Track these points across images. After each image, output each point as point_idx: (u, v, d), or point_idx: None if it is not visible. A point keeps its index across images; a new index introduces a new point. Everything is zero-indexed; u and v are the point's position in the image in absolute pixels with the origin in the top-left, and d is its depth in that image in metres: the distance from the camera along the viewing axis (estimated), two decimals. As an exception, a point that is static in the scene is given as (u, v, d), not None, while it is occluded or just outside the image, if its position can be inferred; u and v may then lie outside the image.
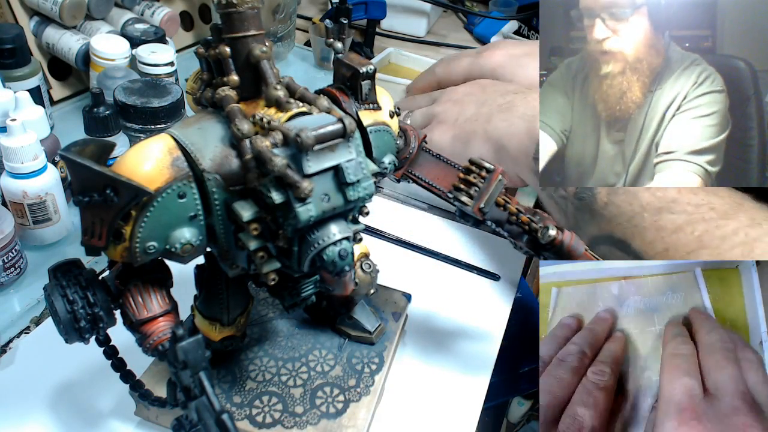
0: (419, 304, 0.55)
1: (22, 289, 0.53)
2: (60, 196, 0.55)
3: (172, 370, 0.27)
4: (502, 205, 0.40)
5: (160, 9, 0.84)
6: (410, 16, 1.13)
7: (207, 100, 0.34)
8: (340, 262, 0.31)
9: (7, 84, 0.64)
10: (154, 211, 0.30)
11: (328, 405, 0.43)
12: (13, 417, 0.43)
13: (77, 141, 0.30)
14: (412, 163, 0.44)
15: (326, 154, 0.30)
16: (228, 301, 0.40)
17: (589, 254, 0.39)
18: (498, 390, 0.80)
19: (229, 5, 0.31)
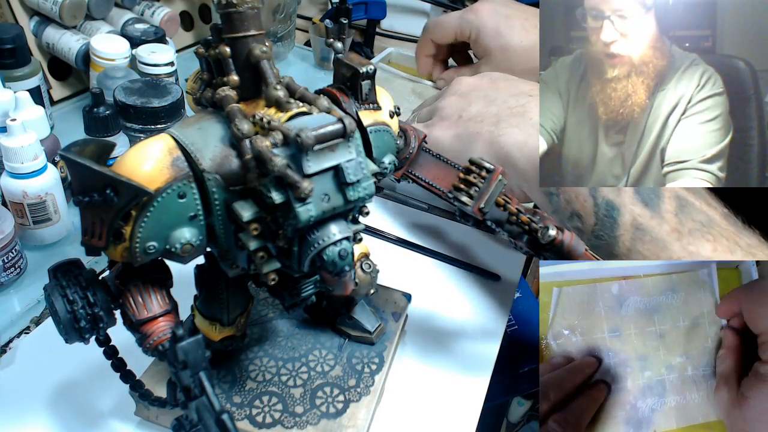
0: (419, 304, 0.55)
1: (22, 289, 0.53)
2: (60, 196, 0.55)
3: (172, 370, 0.27)
4: (502, 205, 0.40)
5: (160, 9, 0.84)
6: (410, 16, 1.13)
7: (207, 100, 0.34)
8: (340, 262, 0.31)
9: (7, 84, 0.64)
10: (154, 211, 0.30)
11: (328, 405, 0.43)
12: (13, 417, 0.43)
13: (77, 141, 0.30)
14: (412, 163, 0.44)
15: (326, 154, 0.30)
16: (228, 301, 0.40)
17: (589, 254, 0.39)
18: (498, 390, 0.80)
19: (229, 5, 0.31)
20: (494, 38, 0.69)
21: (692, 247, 0.42)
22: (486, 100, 0.55)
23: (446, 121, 0.56)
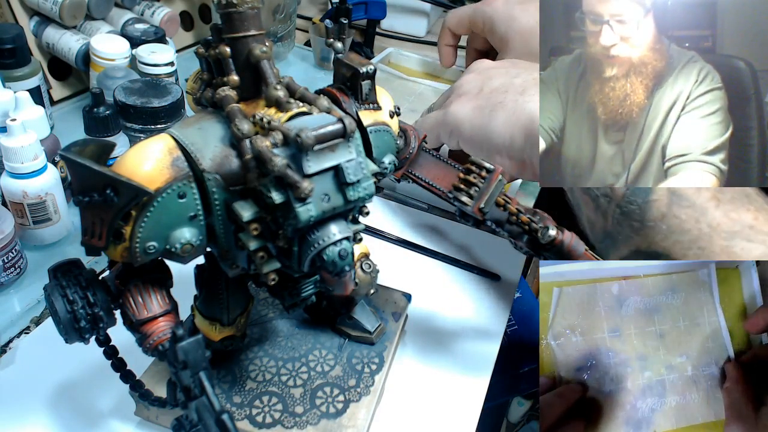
0: (419, 304, 0.55)
1: (22, 289, 0.53)
2: (60, 196, 0.55)
3: (172, 370, 0.27)
4: (502, 205, 0.40)
5: (160, 9, 0.84)
6: (410, 16, 1.13)
7: (207, 100, 0.34)
8: (340, 262, 0.31)
9: (7, 84, 0.64)
10: (154, 211, 0.30)
11: (328, 405, 0.43)
12: (13, 417, 0.43)
13: (77, 141, 0.30)
14: (412, 163, 0.44)
15: (326, 154, 0.30)
16: (228, 301, 0.40)
17: (589, 254, 0.39)
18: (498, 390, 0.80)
19: (229, 5, 0.31)
20: (509, 24, 0.69)
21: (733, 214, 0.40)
22: (509, 75, 0.54)
23: (465, 96, 0.54)
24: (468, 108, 0.52)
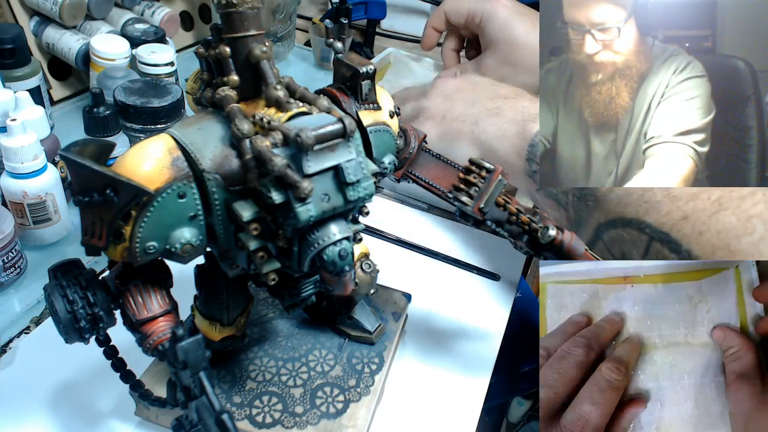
0: (419, 304, 0.55)
1: (22, 289, 0.53)
2: (60, 196, 0.55)
3: (172, 370, 0.27)
4: (502, 205, 0.40)
5: (160, 9, 0.84)
6: (410, 16, 1.13)
7: (207, 100, 0.34)
8: (340, 262, 0.31)
9: (7, 84, 0.64)
10: (154, 211, 0.30)
11: (328, 405, 0.43)
12: (13, 417, 0.43)
13: (77, 141, 0.30)
14: (412, 163, 0.44)
15: (326, 154, 0.30)
16: (228, 301, 0.40)
17: (589, 254, 0.39)
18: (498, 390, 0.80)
19: (229, 5, 0.31)
20: (502, 29, 0.70)
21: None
22: (467, 102, 0.59)
23: (432, 121, 0.60)
24: (434, 134, 0.58)
